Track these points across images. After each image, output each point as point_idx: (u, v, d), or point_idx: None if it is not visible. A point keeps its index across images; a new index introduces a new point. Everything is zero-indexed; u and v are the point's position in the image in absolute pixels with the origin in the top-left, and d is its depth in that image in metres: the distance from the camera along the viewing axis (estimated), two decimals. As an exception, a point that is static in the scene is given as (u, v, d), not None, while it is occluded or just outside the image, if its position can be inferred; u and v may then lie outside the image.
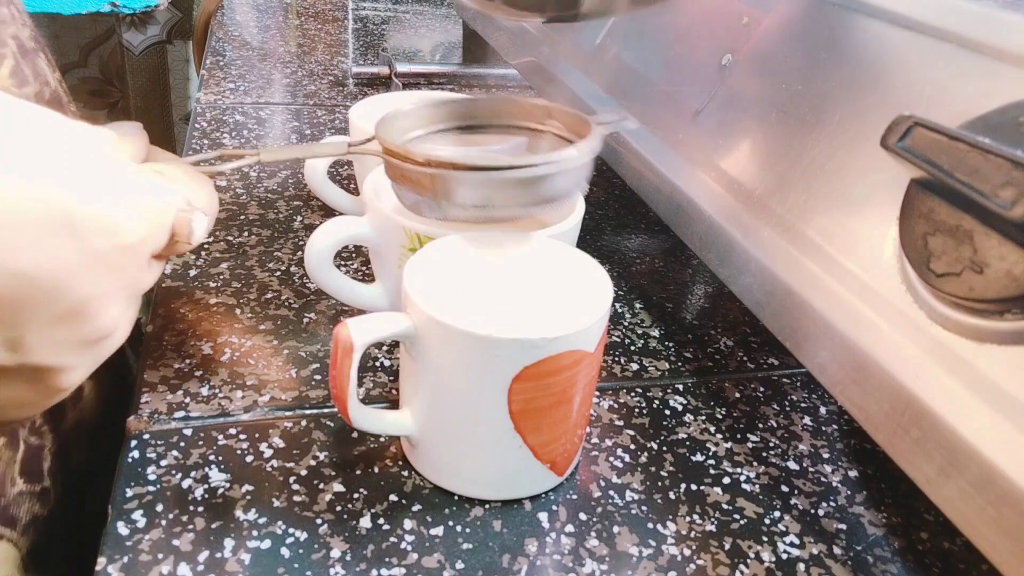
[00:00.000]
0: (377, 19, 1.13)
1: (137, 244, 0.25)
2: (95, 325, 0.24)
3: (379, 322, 0.31)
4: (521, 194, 0.32)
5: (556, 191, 0.33)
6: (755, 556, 0.32)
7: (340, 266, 0.49)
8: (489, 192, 0.31)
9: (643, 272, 0.53)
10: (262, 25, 1.04)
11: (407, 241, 0.38)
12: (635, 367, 0.43)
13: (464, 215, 0.32)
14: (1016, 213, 0.22)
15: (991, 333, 0.24)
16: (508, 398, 0.30)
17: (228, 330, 0.42)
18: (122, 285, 0.25)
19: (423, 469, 0.34)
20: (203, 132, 0.67)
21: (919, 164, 0.25)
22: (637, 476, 0.36)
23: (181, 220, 0.27)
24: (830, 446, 0.39)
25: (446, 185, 0.31)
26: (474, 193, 0.31)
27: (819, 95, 0.34)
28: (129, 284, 0.26)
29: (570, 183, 0.33)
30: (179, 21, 1.37)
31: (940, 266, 0.25)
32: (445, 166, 0.31)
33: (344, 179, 0.61)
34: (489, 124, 0.39)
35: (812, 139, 0.34)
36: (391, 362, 0.41)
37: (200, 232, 0.28)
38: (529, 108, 0.39)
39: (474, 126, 0.39)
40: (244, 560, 0.29)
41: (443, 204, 0.32)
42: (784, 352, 0.45)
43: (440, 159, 0.31)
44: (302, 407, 0.37)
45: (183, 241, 0.28)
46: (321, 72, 0.86)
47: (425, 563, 0.30)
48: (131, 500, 0.31)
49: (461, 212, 0.32)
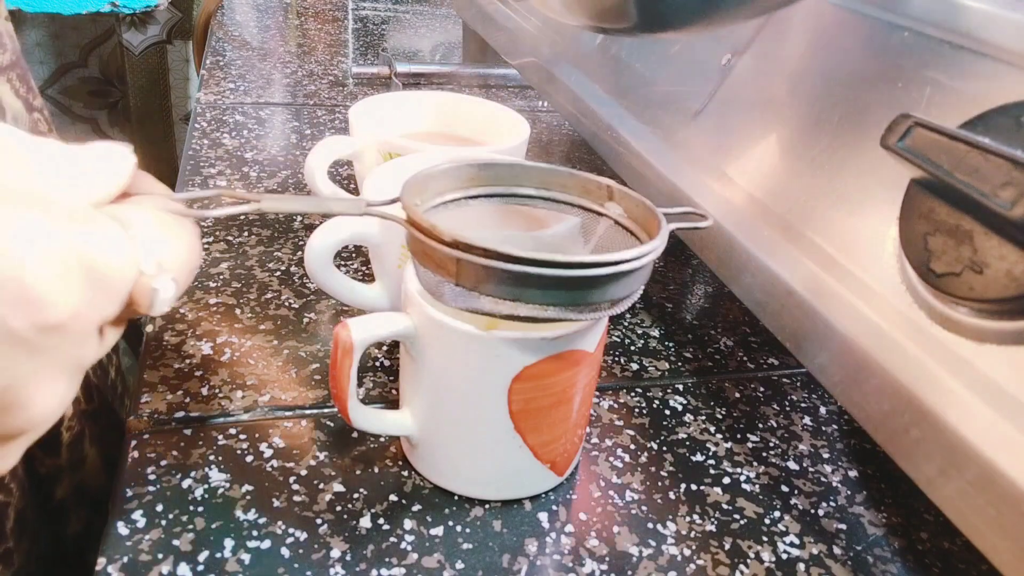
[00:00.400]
0: (377, 19, 1.13)
1: (69, 321, 0.19)
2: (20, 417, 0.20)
3: (379, 322, 0.31)
4: (564, 296, 0.27)
5: (605, 297, 0.27)
6: (755, 556, 0.32)
7: (340, 266, 0.49)
8: (525, 290, 0.26)
9: (643, 272, 0.53)
10: (262, 25, 1.04)
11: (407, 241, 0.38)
12: (635, 367, 0.43)
13: (489, 308, 0.27)
14: (1016, 213, 0.22)
15: (991, 333, 0.24)
16: (508, 398, 0.30)
17: (228, 330, 0.42)
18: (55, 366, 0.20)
19: (423, 469, 0.34)
20: (203, 132, 0.67)
21: (919, 164, 0.25)
22: (637, 476, 0.36)
23: (141, 288, 0.21)
24: (830, 446, 0.39)
25: (474, 273, 0.26)
26: (505, 288, 0.26)
27: (819, 95, 0.34)
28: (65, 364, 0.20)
29: (623, 290, 0.28)
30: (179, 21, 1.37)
31: (940, 266, 0.25)
32: (476, 251, 0.26)
33: (344, 179, 0.61)
34: (537, 196, 0.34)
35: (812, 139, 0.34)
36: (391, 362, 0.41)
37: (165, 302, 0.22)
38: (587, 184, 0.33)
39: (519, 195, 0.34)
40: (244, 560, 0.29)
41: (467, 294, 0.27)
42: (784, 352, 0.45)
43: (471, 242, 0.26)
44: (302, 407, 0.37)
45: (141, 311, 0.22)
46: (321, 72, 0.86)
47: (425, 563, 0.30)
48: (131, 500, 0.31)
49: (487, 305, 0.27)
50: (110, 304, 0.20)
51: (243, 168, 0.61)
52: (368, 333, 0.30)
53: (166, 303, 0.22)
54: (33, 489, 0.36)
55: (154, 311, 0.22)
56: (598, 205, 0.33)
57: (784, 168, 0.34)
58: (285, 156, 0.64)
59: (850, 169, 0.31)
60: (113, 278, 0.20)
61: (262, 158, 0.63)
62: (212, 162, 0.61)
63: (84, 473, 0.39)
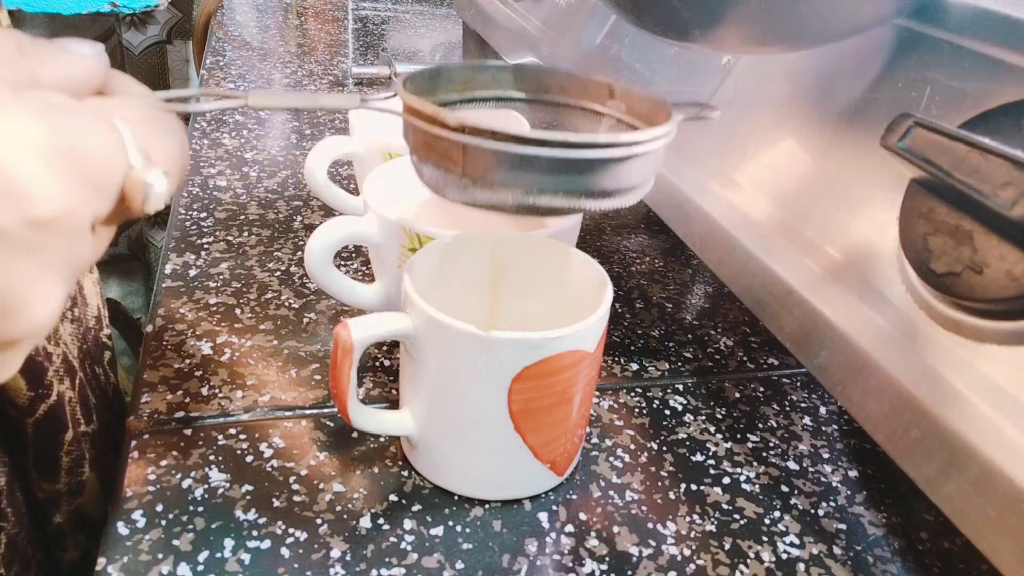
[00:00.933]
0: (377, 19, 1.13)
1: (61, 217, 0.18)
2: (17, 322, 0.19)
3: (379, 322, 0.31)
4: (574, 181, 0.25)
5: (619, 182, 0.26)
6: (755, 556, 0.32)
7: (340, 266, 0.49)
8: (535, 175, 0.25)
9: (643, 272, 0.53)
10: (262, 25, 1.04)
11: (407, 241, 0.38)
12: (635, 367, 0.43)
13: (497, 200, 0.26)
14: (1016, 213, 0.22)
15: (991, 333, 0.24)
16: (508, 398, 0.30)
17: (228, 330, 0.42)
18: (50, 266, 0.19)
19: (423, 469, 0.34)
20: (203, 132, 0.67)
21: (919, 164, 0.25)
22: (637, 476, 0.36)
23: (132, 182, 0.20)
24: (830, 446, 0.39)
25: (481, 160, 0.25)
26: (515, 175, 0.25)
27: (819, 95, 0.34)
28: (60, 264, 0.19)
29: (636, 175, 0.27)
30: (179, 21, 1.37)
31: (940, 266, 0.25)
32: (483, 134, 0.24)
33: (344, 179, 0.61)
34: (538, 99, 0.32)
35: (812, 139, 0.34)
36: (391, 362, 0.41)
37: (159, 196, 0.21)
38: (587, 84, 0.31)
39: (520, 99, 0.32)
40: (244, 560, 0.29)
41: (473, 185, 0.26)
42: (784, 352, 0.45)
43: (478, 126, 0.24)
44: (302, 407, 0.37)
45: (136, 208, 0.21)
46: (321, 72, 0.86)
47: (425, 563, 0.30)
48: (131, 500, 0.31)
49: (494, 196, 0.26)
50: (101, 198, 0.20)
51: (243, 168, 0.61)
52: (368, 333, 0.30)
53: (160, 198, 0.21)
54: (29, 515, 0.35)
55: (148, 207, 0.21)
56: (599, 105, 0.31)
57: (784, 168, 0.34)
58: (285, 156, 0.64)
59: (850, 169, 0.31)
60: (101, 170, 0.19)
61: (262, 158, 0.63)
62: (212, 162, 0.61)
63: (83, 499, 0.38)
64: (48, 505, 0.37)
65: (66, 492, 0.37)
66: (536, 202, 0.25)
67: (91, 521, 0.39)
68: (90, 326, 0.43)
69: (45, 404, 0.35)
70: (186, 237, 0.50)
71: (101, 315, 0.45)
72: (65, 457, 0.37)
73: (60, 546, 0.38)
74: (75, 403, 0.38)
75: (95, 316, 0.44)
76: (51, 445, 0.36)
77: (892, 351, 0.27)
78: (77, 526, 0.38)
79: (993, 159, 0.23)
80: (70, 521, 0.38)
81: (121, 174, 0.20)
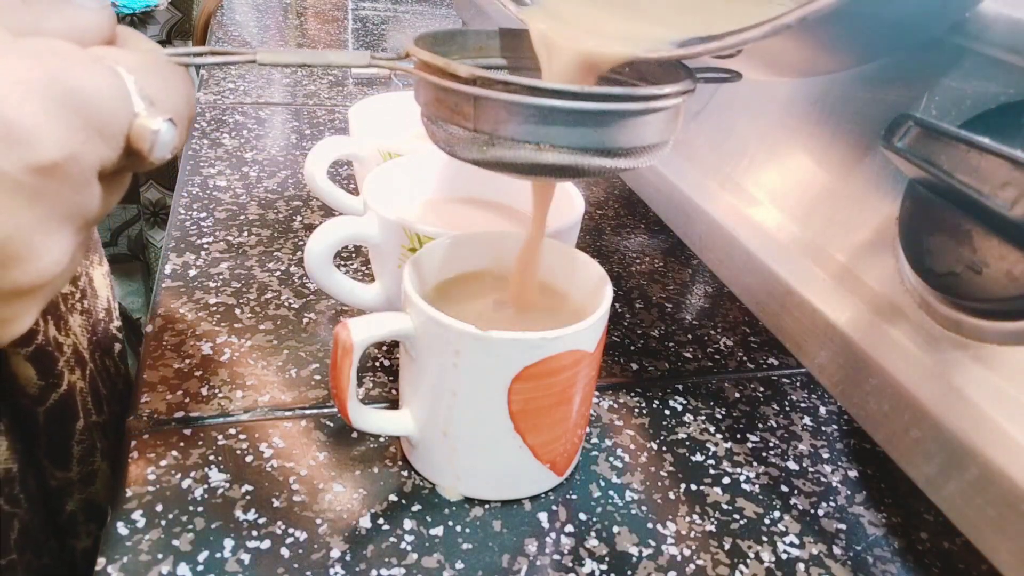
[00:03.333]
0: (377, 19, 1.13)
1: (65, 161, 0.18)
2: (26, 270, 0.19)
3: (379, 322, 0.31)
4: (592, 136, 0.24)
5: (637, 139, 0.25)
6: (755, 556, 0.32)
7: (340, 266, 0.49)
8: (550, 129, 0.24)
9: (643, 272, 0.53)
10: (262, 25, 1.04)
11: (407, 241, 0.38)
12: (635, 367, 0.43)
13: (510, 156, 0.25)
14: (1016, 213, 0.22)
15: (991, 333, 0.24)
16: (508, 398, 0.30)
17: (228, 330, 0.42)
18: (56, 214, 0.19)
19: (423, 469, 0.34)
20: (203, 132, 0.67)
21: (919, 164, 0.25)
22: (637, 476, 0.36)
23: (138, 129, 0.20)
24: (830, 446, 0.39)
25: (494, 113, 0.24)
26: (529, 128, 0.24)
27: (819, 94, 0.34)
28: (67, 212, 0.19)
29: (655, 131, 0.26)
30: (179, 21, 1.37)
31: (940, 266, 0.25)
32: (495, 86, 0.24)
33: (344, 179, 0.61)
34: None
35: (812, 139, 0.34)
36: (391, 362, 0.41)
37: (166, 145, 0.20)
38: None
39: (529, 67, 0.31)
40: (244, 560, 0.29)
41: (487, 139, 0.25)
42: (784, 352, 0.45)
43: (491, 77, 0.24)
44: (302, 407, 0.37)
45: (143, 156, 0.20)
46: (321, 72, 0.86)
47: (425, 563, 0.30)
48: (131, 500, 0.31)
49: (507, 152, 0.25)
50: (105, 144, 0.19)
51: (243, 168, 0.61)
52: (368, 333, 0.30)
53: (167, 146, 0.20)
54: (42, 502, 0.36)
55: (155, 155, 0.20)
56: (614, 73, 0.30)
57: (784, 168, 0.34)
58: (285, 156, 0.64)
59: (850, 169, 0.31)
60: (104, 113, 0.19)
61: (262, 158, 0.63)
62: (212, 162, 0.61)
63: (95, 488, 0.39)
64: (61, 493, 0.37)
65: (78, 481, 0.37)
66: (550, 159, 0.25)
67: (103, 510, 0.39)
68: (100, 318, 0.43)
69: (56, 393, 0.35)
70: (186, 237, 0.50)
71: (111, 307, 0.45)
72: (76, 446, 0.37)
73: (73, 534, 0.38)
74: (86, 393, 0.38)
75: (105, 308, 0.44)
76: (63, 434, 0.36)
77: (892, 351, 0.27)
78: (89, 515, 0.38)
79: (993, 159, 0.23)
80: (83, 510, 0.38)
81: (125, 120, 0.20)
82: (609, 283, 0.33)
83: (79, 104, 0.18)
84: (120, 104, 0.19)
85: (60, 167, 0.18)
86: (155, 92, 0.20)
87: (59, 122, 0.18)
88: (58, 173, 0.18)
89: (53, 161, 0.18)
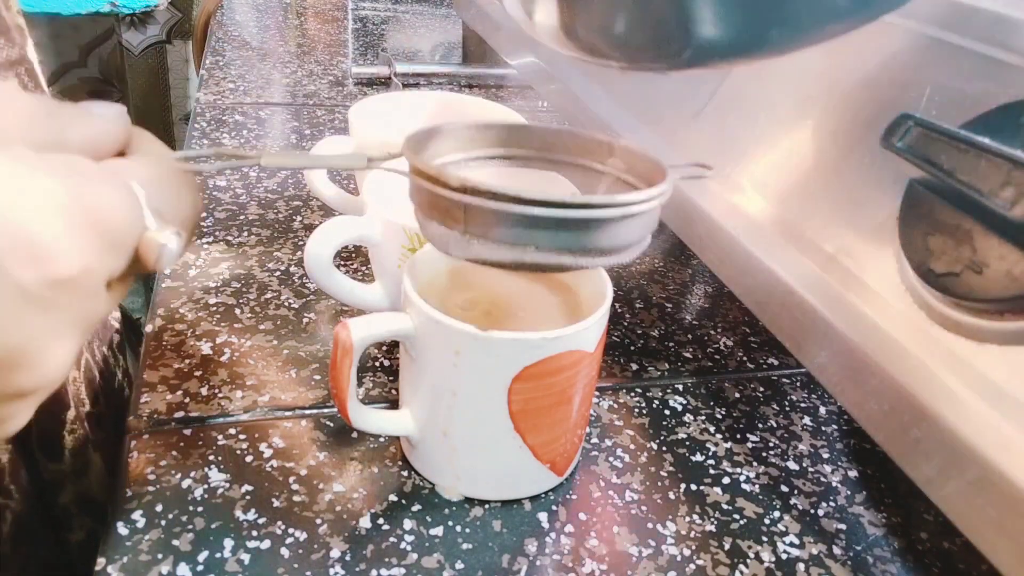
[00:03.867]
0: (377, 19, 1.13)
1: (79, 276, 0.19)
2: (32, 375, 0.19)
3: (379, 322, 0.31)
4: (573, 240, 0.26)
5: (616, 241, 0.27)
6: (755, 556, 0.32)
7: (340, 266, 0.49)
8: (534, 233, 0.26)
9: (643, 272, 0.53)
10: (262, 25, 1.04)
11: (407, 241, 0.38)
12: (635, 367, 0.43)
13: (498, 257, 0.27)
14: (1016, 213, 0.22)
15: (991, 333, 0.24)
16: (508, 398, 0.30)
17: (228, 330, 0.42)
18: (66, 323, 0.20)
19: (423, 469, 0.34)
20: (203, 132, 0.67)
21: (919, 164, 0.25)
22: (637, 476, 0.36)
23: (147, 242, 0.21)
24: (830, 446, 0.39)
25: (482, 219, 0.26)
26: (515, 232, 0.26)
27: (819, 95, 0.34)
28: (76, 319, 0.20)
29: (634, 233, 0.27)
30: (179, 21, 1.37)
31: (940, 266, 0.25)
32: (484, 195, 0.25)
33: (344, 179, 0.61)
34: (539, 157, 0.33)
35: (812, 139, 0.34)
36: (391, 362, 0.41)
37: (172, 255, 0.22)
38: (588, 143, 0.33)
39: (521, 157, 0.33)
40: (244, 560, 0.29)
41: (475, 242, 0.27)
42: (784, 352, 0.45)
43: (479, 186, 0.25)
44: (302, 407, 0.37)
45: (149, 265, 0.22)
46: (321, 72, 0.86)
47: (425, 563, 0.30)
48: (131, 500, 0.31)
49: (495, 253, 0.27)
50: (117, 258, 0.21)
51: (243, 168, 0.61)
52: (368, 333, 0.30)
53: (173, 256, 0.22)
54: (35, 495, 0.36)
55: (161, 265, 0.22)
56: (599, 163, 0.32)
57: (784, 168, 0.34)
58: (285, 156, 0.64)
59: (850, 169, 0.31)
60: (118, 231, 0.20)
61: (262, 158, 0.63)
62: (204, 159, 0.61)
63: (88, 480, 0.38)
64: (53, 486, 0.37)
65: (71, 473, 0.37)
66: (535, 260, 0.27)
67: (97, 503, 0.39)
68: None
69: None
70: (186, 237, 0.50)
71: None
72: (68, 436, 0.37)
73: (67, 527, 0.38)
74: (79, 383, 0.38)
75: None
76: (52, 423, 0.36)
77: (892, 351, 0.27)
78: (83, 508, 0.38)
79: (993, 159, 0.23)
80: (76, 502, 0.38)
81: (136, 235, 0.21)
82: (609, 283, 0.33)
83: (96, 221, 0.19)
84: (133, 221, 0.21)
85: (75, 280, 0.19)
86: (164, 204, 0.22)
87: (78, 239, 0.19)
88: (72, 285, 0.19)
89: (69, 276, 0.19)
